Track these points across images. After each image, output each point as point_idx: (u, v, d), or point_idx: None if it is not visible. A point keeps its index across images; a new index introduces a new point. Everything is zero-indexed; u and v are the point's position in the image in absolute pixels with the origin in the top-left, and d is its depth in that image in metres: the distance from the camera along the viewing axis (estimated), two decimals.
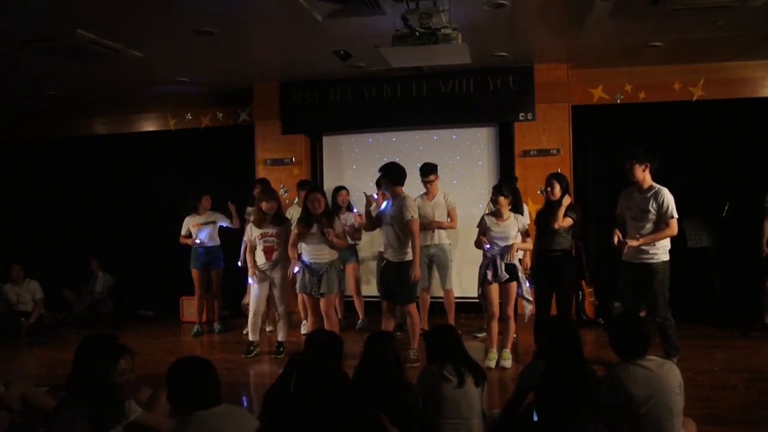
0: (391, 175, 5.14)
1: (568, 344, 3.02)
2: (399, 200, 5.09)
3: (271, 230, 5.50)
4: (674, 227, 4.68)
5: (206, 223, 6.80)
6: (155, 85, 7.24)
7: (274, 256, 5.49)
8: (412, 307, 5.21)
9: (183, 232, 6.83)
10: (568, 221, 5.05)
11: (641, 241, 4.67)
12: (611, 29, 5.47)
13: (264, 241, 5.50)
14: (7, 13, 4.64)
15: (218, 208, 6.92)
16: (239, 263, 6.36)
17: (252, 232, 5.55)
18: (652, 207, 4.67)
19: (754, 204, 6.19)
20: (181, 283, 7.75)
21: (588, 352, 4.02)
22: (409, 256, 5.06)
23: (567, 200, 5.11)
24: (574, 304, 6.66)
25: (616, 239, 4.70)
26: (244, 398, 4.73)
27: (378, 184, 5.96)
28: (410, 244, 5.05)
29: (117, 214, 8.56)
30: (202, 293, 6.84)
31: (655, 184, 4.75)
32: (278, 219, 5.56)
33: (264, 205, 5.47)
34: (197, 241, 6.72)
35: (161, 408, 3.23)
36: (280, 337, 5.67)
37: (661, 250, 4.74)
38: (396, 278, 5.08)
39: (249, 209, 6.34)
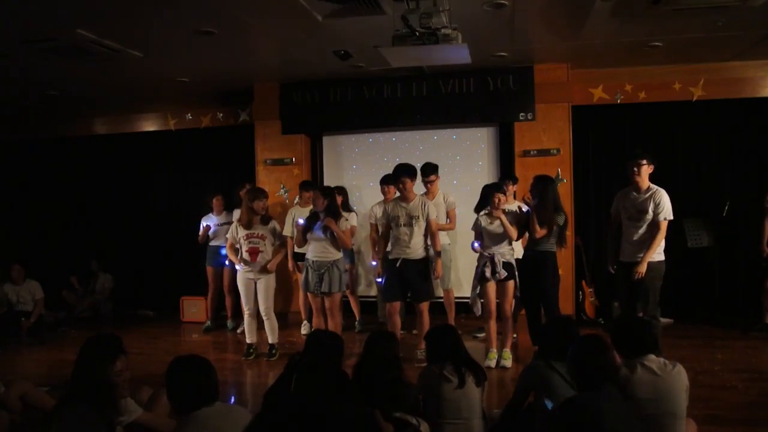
0: (407, 171, 5.24)
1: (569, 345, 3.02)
2: (417, 199, 5.27)
3: (258, 231, 5.43)
4: (664, 229, 4.71)
5: (221, 225, 6.87)
6: (155, 85, 7.24)
7: (259, 257, 5.43)
8: (426, 305, 5.26)
9: (201, 232, 6.92)
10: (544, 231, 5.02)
11: (644, 262, 4.68)
12: (611, 29, 5.47)
13: (249, 243, 5.42)
14: (7, 13, 4.64)
15: (232, 209, 6.93)
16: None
17: (237, 233, 5.47)
18: (651, 208, 4.69)
19: (754, 204, 6.20)
20: (181, 283, 7.76)
21: None
22: (429, 252, 5.25)
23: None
24: (574, 304, 6.69)
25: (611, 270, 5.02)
26: (232, 397, 4.73)
27: (383, 181, 5.98)
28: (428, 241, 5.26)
29: (117, 214, 8.56)
30: (214, 291, 6.88)
31: (652, 185, 4.77)
32: (265, 219, 5.49)
33: (257, 204, 5.38)
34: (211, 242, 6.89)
35: (161, 408, 3.23)
36: (271, 340, 5.61)
37: (654, 250, 4.77)
38: (422, 275, 5.19)
39: (237, 212, 6.43)
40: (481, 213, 5.25)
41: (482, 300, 5.14)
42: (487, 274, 5.04)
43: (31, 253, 8.29)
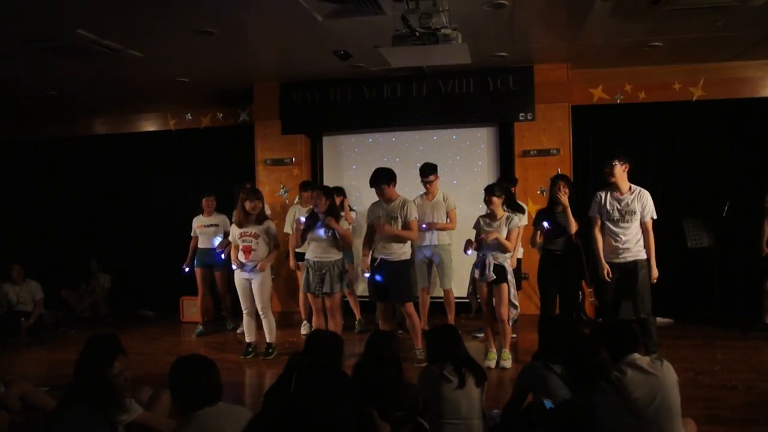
0: (382, 178, 5.17)
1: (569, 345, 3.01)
2: (399, 200, 5.18)
3: (251, 230, 5.44)
4: (651, 228, 4.87)
5: (209, 226, 6.81)
6: (155, 85, 7.24)
7: (252, 256, 5.43)
8: (411, 306, 5.22)
9: (192, 232, 6.93)
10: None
11: (654, 267, 4.81)
12: (611, 29, 5.47)
13: (243, 241, 5.45)
14: (7, 13, 4.64)
15: (225, 210, 6.89)
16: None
17: (234, 231, 5.53)
18: (637, 208, 4.81)
19: (754, 204, 6.20)
20: (181, 283, 7.75)
21: None
22: (407, 255, 5.16)
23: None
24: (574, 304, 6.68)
25: (605, 272, 4.91)
26: (231, 398, 4.73)
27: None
28: (408, 243, 5.15)
29: (117, 214, 8.57)
30: (204, 292, 6.85)
31: (633, 185, 4.89)
32: (259, 219, 5.50)
33: (248, 205, 5.41)
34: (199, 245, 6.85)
35: (162, 408, 3.24)
36: (268, 338, 5.63)
37: (642, 248, 4.88)
38: (397, 277, 5.11)
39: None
40: (481, 215, 5.24)
41: (479, 299, 5.15)
42: (476, 275, 5.04)
43: (31, 253, 8.30)
